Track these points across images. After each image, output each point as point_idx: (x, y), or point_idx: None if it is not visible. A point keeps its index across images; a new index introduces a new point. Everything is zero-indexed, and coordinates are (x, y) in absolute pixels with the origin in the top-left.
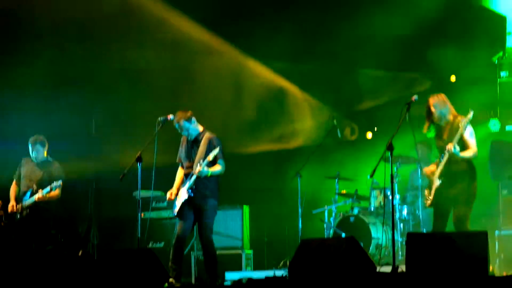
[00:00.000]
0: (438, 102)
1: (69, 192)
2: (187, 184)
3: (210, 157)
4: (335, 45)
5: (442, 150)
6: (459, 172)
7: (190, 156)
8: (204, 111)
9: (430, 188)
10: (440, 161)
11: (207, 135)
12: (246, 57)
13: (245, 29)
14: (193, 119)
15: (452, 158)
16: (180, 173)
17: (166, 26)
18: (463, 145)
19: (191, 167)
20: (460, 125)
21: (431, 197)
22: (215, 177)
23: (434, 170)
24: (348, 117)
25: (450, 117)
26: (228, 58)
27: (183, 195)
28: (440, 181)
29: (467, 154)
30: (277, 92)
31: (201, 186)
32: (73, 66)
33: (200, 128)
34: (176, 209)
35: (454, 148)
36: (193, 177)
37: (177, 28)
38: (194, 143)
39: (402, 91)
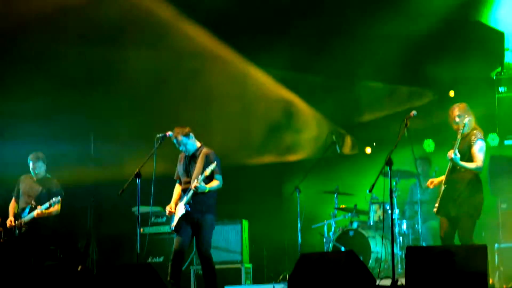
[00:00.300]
0: (462, 112)
1: (68, 207)
2: (185, 199)
3: (207, 171)
4: (335, 58)
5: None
6: (462, 181)
7: (188, 172)
8: (206, 125)
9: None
10: None
11: (204, 150)
12: (250, 65)
13: (248, 38)
14: (191, 134)
15: (456, 166)
16: (177, 188)
17: (168, 38)
18: (470, 158)
19: (188, 182)
20: (472, 138)
21: (437, 204)
22: (212, 192)
23: (434, 182)
24: (348, 131)
25: (468, 129)
26: (231, 67)
27: (180, 210)
28: (444, 188)
29: (468, 164)
30: (279, 104)
31: (198, 201)
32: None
33: (198, 144)
34: (174, 224)
35: (455, 154)
36: (190, 192)
37: (181, 40)
38: (191, 158)
39: (401, 105)
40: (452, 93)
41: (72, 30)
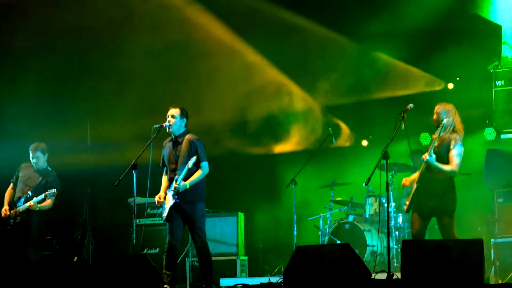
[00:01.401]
0: (444, 110)
1: (64, 198)
2: (172, 191)
3: (189, 164)
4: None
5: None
6: (436, 181)
7: (172, 159)
8: (202, 112)
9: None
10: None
11: (188, 136)
12: (252, 53)
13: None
14: (186, 120)
15: (430, 167)
16: (165, 176)
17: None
18: (447, 160)
19: (174, 170)
20: (452, 141)
21: (407, 202)
22: (200, 180)
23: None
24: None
25: (451, 130)
26: (232, 54)
27: (169, 201)
28: (417, 186)
29: (444, 166)
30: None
31: (187, 192)
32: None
33: (184, 129)
34: (165, 214)
35: (430, 155)
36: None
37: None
38: (174, 144)
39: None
40: (450, 86)
41: (70, 15)
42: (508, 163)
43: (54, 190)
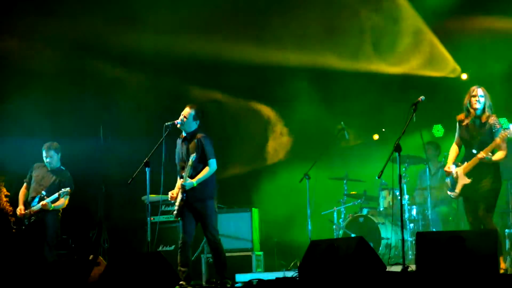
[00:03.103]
0: (486, 93)
1: (79, 197)
2: (180, 189)
3: (190, 162)
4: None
5: (467, 143)
6: (487, 172)
7: (182, 157)
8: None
9: (453, 181)
10: (466, 156)
11: (197, 135)
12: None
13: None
14: (198, 121)
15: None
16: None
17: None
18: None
19: (183, 167)
20: (493, 124)
21: (457, 191)
22: (210, 177)
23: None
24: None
25: (486, 114)
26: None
27: (178, 198)
28: (470, 180)
29: (497, 157)
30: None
31: (197, 190)
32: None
33: (195, 127)
34: (175, 212)
35: (487, 157)
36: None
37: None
38: (184, 142)
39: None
40: (464, 76)
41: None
42: None
43: (67, 189)
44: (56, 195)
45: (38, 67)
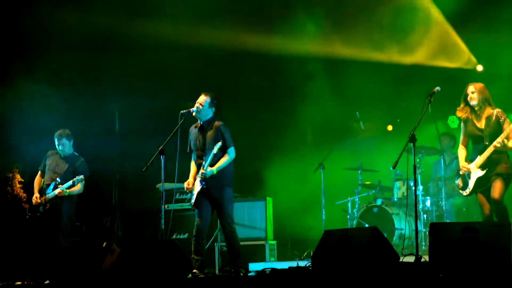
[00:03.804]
0: (480, 89)
1: (93, 184)
2: (199, 177)
3: (215, 150)
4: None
5: (477, 138)
6: (500, 162)
7: (199, 145)
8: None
9: (465, 180)
10: (476, 151)
11: (214, 123)
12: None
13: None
14: (214, 107)
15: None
16: (193, 162)
17: None
18: (498, 134)
19: (201, 156)
20: (499, 114)
21: (470, 187)
22: (228, 165)
23: (468, 167)
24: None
25: (489, 107)
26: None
27: (197, 187)
28: (484, 171)
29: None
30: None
31: (214, 176)
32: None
33: (211, 115)
34: (193, 200)
35: (503, 144)
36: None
37: None
38: (200, 130)
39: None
40: (479, 68)
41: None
42: None
43: (82, 176)
44: (70, 182)
45: (51, 56)
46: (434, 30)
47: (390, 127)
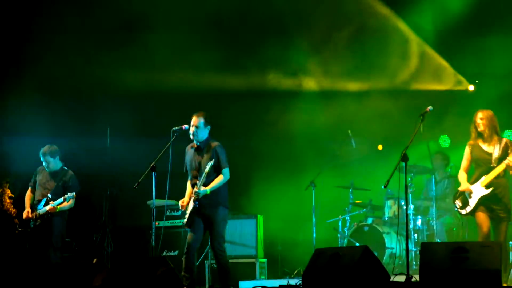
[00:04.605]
0: (488, 116)
1: (84, 199)
2: (193, 197)
3: (207, 169)
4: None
5: (484, 162)
6: (503, 185)
7: (195, 165)
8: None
9: (464, 198)
10: (479, 172)
11: (211, 143)
12: None
13: None
14: (209, 126)
15: (502, 172)
16: (189, 182)
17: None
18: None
19: (196, 176)
20: (508, 142)
21: (471, 205)
22: (222, 186)
23: (471, 189)
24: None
25: (496, 135)
26: None
27: (190, 205)
28: (490, 190)
29: None
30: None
31: (208, 196)
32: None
33: (207, 136)
34: (185, 219)
35: None
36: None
37: None
38: (197, 151)
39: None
40: (471, 88)
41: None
42: None
43: (73, 193)
44: (61, 199)
45: (44, 68)
46: (418, 56)
47: (380, 147)
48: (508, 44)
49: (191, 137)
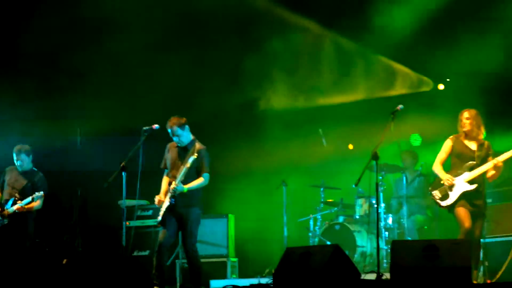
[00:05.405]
0: (473, 115)
1: (54, 199)
2: (170, 193)
3: (188, 163)
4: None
5: (466, 157)
6: (483, 183)
7: (176, 164)
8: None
9: (443, 189)
10: (463, 168)
11: (196, 145)
12: None
13: None
14: (187, 126)
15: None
16: (166, 179)
17: None
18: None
19: (175, 176)
20: (490, 151)
21: (453, 198)
22: (198, 188)
23: (454, 180)
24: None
25: (481, 135)
26: None
27: (166, 203)
28: (474, 187)
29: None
30: None
31: (184, 195)
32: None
33: (192, 137)
34: (159, 217)
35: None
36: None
37: None
38: (182, 150)
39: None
40: (440, 87)
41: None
42: None
43: (41, 192)
44: (29, 198)
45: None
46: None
47: (351, 146)
48: (476, 40)
49: (178, 145)
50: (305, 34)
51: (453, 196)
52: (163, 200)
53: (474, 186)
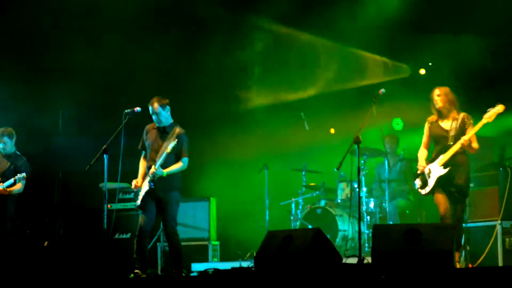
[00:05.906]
0: (445, 92)
1: (35, 182)
2: (148, 177)
3: (169, 149)
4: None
5: (441, 139)
6: (462, 164)
7: (155, 147)
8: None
9: (424, 179)
10: (439, 151)
11: (176, 129)
12: None
13: None
14: (168, 107)
15: (460, 150)
16: (143, 162)
17: None
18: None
19: (154, 159)
20: (466, 119)
21: (430, 185)
22: (177, 172)
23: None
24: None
25: (455, 110)
26: None
27: (145, 187)
28: (447, 170)
29: (475, 145)
30: None
31: (163, 178)
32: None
33: (171, 120)
34: (138, 201)
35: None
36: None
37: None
38: (162, 133)
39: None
40: (422, 71)
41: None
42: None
43: (23, 174)
44: (11, 180)
45: None
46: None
47: (332, 130)
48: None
49: (157, 124)
50: (281, 30)
51: (430, 182)
52: (140, 184)
53: (447, 170)
